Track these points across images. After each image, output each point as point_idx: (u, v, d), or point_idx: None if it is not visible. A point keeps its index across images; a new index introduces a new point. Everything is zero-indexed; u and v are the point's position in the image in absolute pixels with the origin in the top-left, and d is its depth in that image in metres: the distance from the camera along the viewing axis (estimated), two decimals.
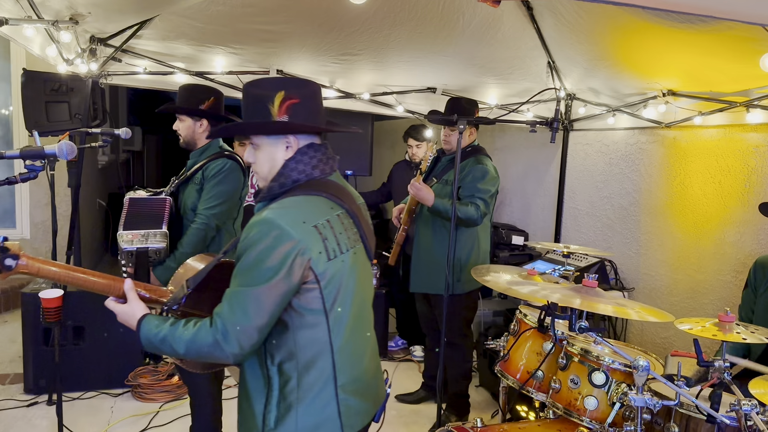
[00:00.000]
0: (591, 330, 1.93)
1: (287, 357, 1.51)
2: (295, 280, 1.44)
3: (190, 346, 1.43)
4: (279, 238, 1.42)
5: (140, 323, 1.50)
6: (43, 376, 3.71)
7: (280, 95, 1.53)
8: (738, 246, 3.44)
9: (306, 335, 1.50)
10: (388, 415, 4.00)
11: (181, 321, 1.47)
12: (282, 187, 1.56)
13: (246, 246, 1.44)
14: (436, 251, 3.39)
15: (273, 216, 1.45)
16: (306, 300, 1.49)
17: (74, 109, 3.63)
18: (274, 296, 1.42)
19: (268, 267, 1.41)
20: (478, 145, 3.51)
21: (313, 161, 1.59)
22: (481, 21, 3.33)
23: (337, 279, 1.53)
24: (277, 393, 1.52)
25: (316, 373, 1.52)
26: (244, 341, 1.41)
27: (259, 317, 1.42)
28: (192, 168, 2.80)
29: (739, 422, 1.74)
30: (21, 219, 5.79)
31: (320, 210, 1.54)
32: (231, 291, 1.44)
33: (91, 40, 3.60)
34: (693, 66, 3.22)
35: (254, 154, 1.62)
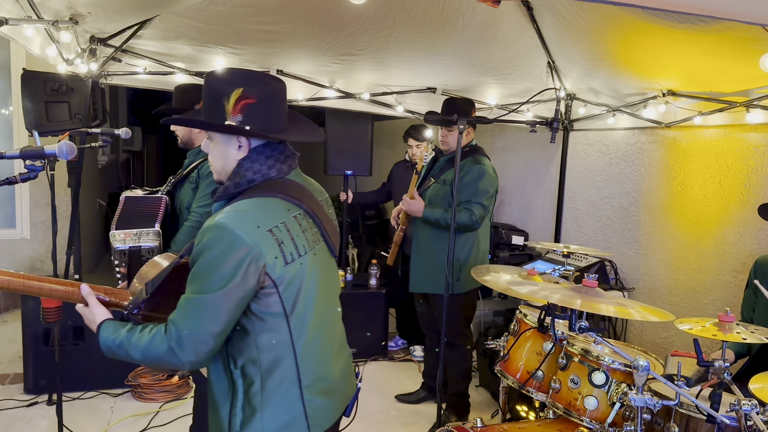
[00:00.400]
0: (591, 330, 1.93)
1: (249, 361, 1.50)
2: (249, 286, 1.41)
3: (146, 353, 1.42)
4: (232, 244, 1.39)
5: (99, 328, 1.48)
6: (43, 376, 3.71)
7: (237, 92, 1.48)
8: (738, 246, 3.44)
9: (267, 339, 1.49)
10: (387, 415, 4.02)
11: (138, 327, 1.45)
12: (237, 187, 1.53)
13: (199, 252, 1.41)
14: (435, 251, 3.40)
15: (226, 221, 1.41)
16: (265, 304, 1.46)
17: (74, 109, 3.63)
18: (228, 303, 1.39)
19: (221, 274, 1.38)
20: (476, 144, 3.51)
21: (270, 161, 1.56)
22: (481, 21, 3.33)
23: (297, 282, 1.50)
24: (241, 396, 1.51)
25: (280, 375, 1.51)
26: (199, 348, 1.40)
27: (213, 324, 1.39)
28: (188, 167, 2.81)
29: (739, 422, 1.74)
30: (21, 219, 5.79)
31: (276, 213, 1.50)
32: (185, 298, 1.42)
33: (91, 40, 3.60)
34: (693, 66, 3.22)
35: (210, 147, 1.60)
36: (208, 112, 1.53)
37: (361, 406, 4.02)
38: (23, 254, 5.75)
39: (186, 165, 2.85)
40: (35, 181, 1.96)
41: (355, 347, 4.62)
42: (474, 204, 3.28)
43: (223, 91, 1.50)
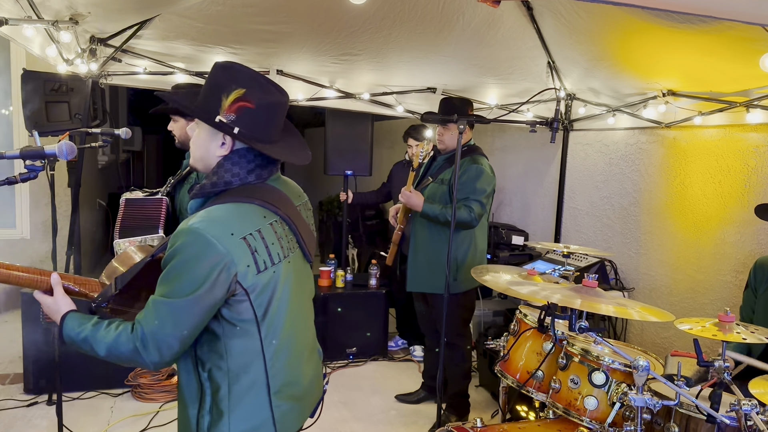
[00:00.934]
0: (591, 330, 1.93)
1: (216, 366, 1.49)
2: (219, 294, 1.40)
3: (111, 350, 1.41)
4: (204, 250, 1.37)
5: (63, 320, 1.46)
6: (43, 376, 3.71)
7: (238, 92, 1.47)
8: (738, 246, 3.44)
9: (237, 344, 1.48)
10: (387, 415, 4.02)
11: (104, 322, 1.44)
12: (214, 187, 1.52)
13: (171, 254, 1.40)
14: (433, 251, 3.40)
15: (200, 227, 1.39)
16: (237, 311, 1.45)
17: (74, 109, 3.63)
18: (196, 308, 1.39)
19: (191, 279, 1.37)
20: (474, 144, 3.51)
21: (251, 165, 1.54)
22: (481, 21, 3.33)
23: (269, 290, 1.49)
24: (209, 399, 1.50)
25: (248, 381, 1.50)
26: (164, 351, 1.39)
27: (179, 328, 1.38)
28: (187, 167, 2.80)
29: (739, 422, 1.74)
30: (21, 219, 5.79)
31: (251, 220, 1.48)
32: (153, 299, 1.41)
33: (91, 40, 3.60)
34: (693, 66, 3.22)
35: (194, 132, 1.59)
36: (204, 102, 1.52)
37: (361, 406, 4.02)
38: (23, 254, 5.75)
39: (185, 165, 2.84)
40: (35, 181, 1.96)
41: (355, 347, 4.63)
42: (472, 201, 3.28)
43: (225, 86, 1.48)
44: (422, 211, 3.34)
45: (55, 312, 1.51)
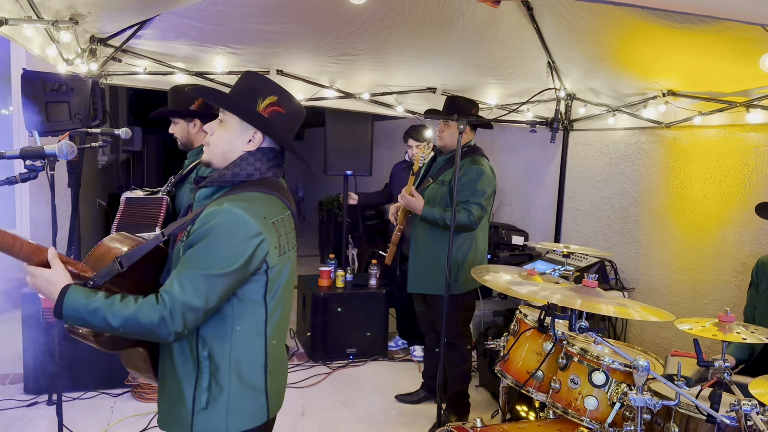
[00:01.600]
0: (591, 330, 1.93)
1: (220, 344, 1.57)
2: (250, 269, 1.52)
3: (129, 321, 1.43)
4: (243, 227, 1.49)
5: (66, 291, 1.46)
6: (43, 376, 3.71)
7: (272, 98, 1.63)
8: (738, 246, 3.44)
9: (244, 323, 1.58)
10: (387, 415, 4.02)
11: (117, 295, 1.46)
12: (234, 177, 1.63)
13: (206, 232, 1.48)
14: (434, 251, 3.40)
15: (236, 207, 1.50)
16: (250, 290, 1.56)
17: (74, 109, 3.62)
18: (227, 283, 1.49)
19: (228, 254, 1.47)
20: (474, 145, 3.51)
21: (270, 163, 1.68)
22: (481, 21, 3.33)
23: (282, 274, 1.64)
24: (208, 376, 1.57)
25: (249, 359, 1.60)
26: (190, 322, 1.46)
27: (209, 301, 1.47)
28: (188, 167, 2.80)
29: (739, 422, 1.74)
30: (21, 219, 5.79)
31: (276, 209, 1.64)
32: (184, 272, 1.47)
33: (91, 40, 3.60)
34: (693, 66, 3.22)
35: (215, 129, 1.67)
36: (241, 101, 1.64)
37: (361, 406, 4.02)
38: None
39: (186, 165, 2.85)
40: (35, 181, 1.96)
41: (355, 347, 4.63)
42: (472, 204, 3.28)
43: (261, 91, 1.63)
44: (422, 215, 3.35)
45: (53, 283, 1.48)
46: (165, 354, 1.65)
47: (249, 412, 1.61)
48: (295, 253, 1.75)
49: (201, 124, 2.84)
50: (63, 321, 1.47)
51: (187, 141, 2.87)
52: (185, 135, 2.86)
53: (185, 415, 1.58)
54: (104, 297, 1.46)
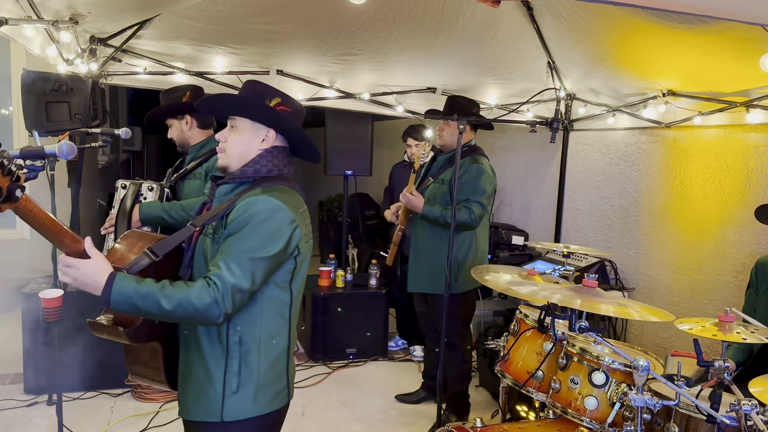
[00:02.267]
0: (591, 330, 1.93)
1: (251, 327, 1.64)
2: (288, 252, 1.64)
3: (182, 303, 1.48)
4: (282, 215, 1.61)
5: (114, 278, 1.48)
6: (43, 376, 3.71)
7: (277, 99, 1.73)
8: (738, 246, 3.44)
9: (272, 308, 1.67)
10: (387, 415, 4.02)
11: (166, 280, 1.52)
12: (256, 173, 1.73)
13: (247, 219, 1.58)
14: (434, 251, 3.40)
15: (272, 197, 1.61)
16: (279, 275, 1.66)
17: (74, 109, 3.62)
18: (269, 265, 1.59)
19: (270, 238, 1.58)
20: (475, 144, 3.51)
21: (285, 161, 1.79)
22: (481, 21, 3.33)
23: (305, 261, 1.76)
24: (237, 360, 1.64)
25: (276, 343, 1.69)
26: (237, 303, 1.54)
27: (255, 282, 1.56)
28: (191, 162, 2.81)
29: (739, 422, 1.74)
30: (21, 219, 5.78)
31: (299, 201, 1.76)
32: (230, 257, 1.55)
33: (91, 40, 3.60)
34: (693, 66, 3.22)
35: (228, 135, 1.75)
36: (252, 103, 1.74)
37: (361, 406, 4.02)
38: (23, 254, 5.74)
39: (188, 161, 2.86)
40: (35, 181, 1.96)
41: (355, 347, 4.63)
42: (473, 203, 3.28)
43: (266, 94, 1.73)
44: (422, 213, 3.35)
45: (99, 272, 1.49)
46: (191, 345, 1.70)
47: (273, 394, 1.69)
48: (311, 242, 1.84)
49: (192, 120, 2.86)
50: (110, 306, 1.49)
51: (182, 140, 2.88)
52: (180, 134, 2.87)
53: (215, 400, 1.64)
54: (154, 281, 1.51)
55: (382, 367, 4.59)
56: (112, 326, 1.62)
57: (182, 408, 1.73)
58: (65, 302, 2.68)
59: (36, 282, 3.93)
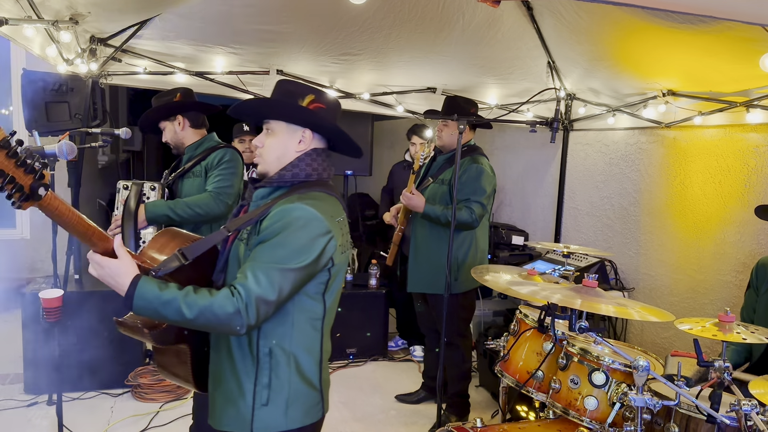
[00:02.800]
0: (591, 330, 1.93)
1: (282, 339, 1.60)
2: (321, 264, 1.57)
3: (204, 312, 1.44)
4: (317, 225, 1.55)
5: (137, 281, 1.45)
6: (43, 376, 3.71)
7: (311, 96, 1.68)
8: (738, 246, 3.43)
9: (303, 319, 1.62)
10: (387, 415, 4.02)
11: (190, 287, 1.48)
12: (294, 178, 1.67)
13: (280, 228, 1.52)
14: (433, 251, 3.40)
15: (308, 205, 1.55)
16: (312, 286, 1.61)
17: (74, 109, 3.62)
18: (299, 277, 1.53)
19: (302, 249, 1.52)
20: (474, 144, 3.51)
21: (324, 164, 1.73)
22: (481, 21, 3.33)
23: (341, 272, 1.69)
24: (268, 372, 1.59)
25: (307, 356, 1.64)
26: (262, 314, 1.48)
27: (282, 294, 1.50)
28: (189, 161, 2.81)
29: (739, 422, 1.74)
30: (21, 219, 5.79)
31: (337, 209, 1.69)
32: (258, 265, 1.50)
33: (91, 40, 3.60)
34: (693, 66, 3.22)
35: (264, 140, 1.70)
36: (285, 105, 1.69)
37: (361, 406, 4.02)
38: (23, 254, 5.74)
39: (185, 161, 2.86)
40: None
41: (355, 347, 4.62)
42: (473, 202, 3.28)
43: (298, 93, 1.68)
44: (423, 212, 3.34)
45: (123, 274, 1.46)
46: (222, 352, 1.66)
47: (306, 408, 1.64)
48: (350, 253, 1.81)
49: (185, 120, 2.85)
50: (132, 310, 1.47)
51: (177, 142, 2.88)
52: (173, 136, 2.87)
53: (245, 412, 1.60)
54: (177, 288, 1.47)
55: (382, 367, 4.58)
56: (138, 327, 1.59)
57: (212, 416, 1.69)
58: (65, 302, 2.68)
59: (36, 282, 3.93)
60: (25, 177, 1.29)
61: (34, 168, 1.30)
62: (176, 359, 1.72)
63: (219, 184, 2.73)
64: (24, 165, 1.28)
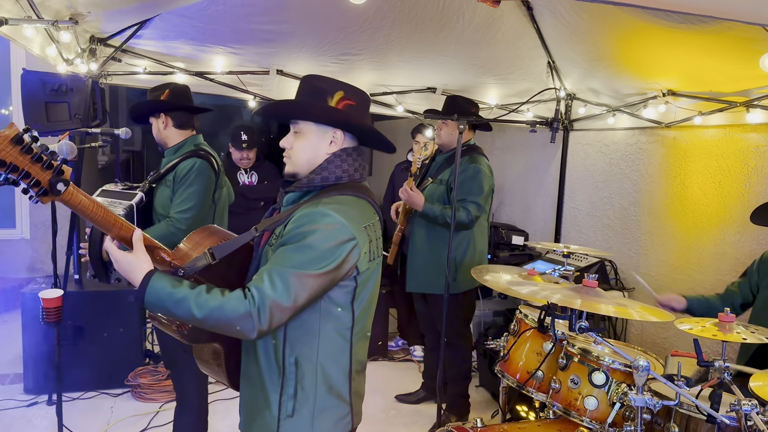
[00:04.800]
0: (591, 330, 1.93)
1: (308, 349, 1.54)
2: (342, 272, 1.49)
3: (214, 313, 1.40)
4: (339, 231, 1.48)
5: (150, 277, 1.43)
6: (43, 376, 3.71)
7: (339, 93, 1.60)
8: (738, 246, 3.43)
9: (330, 329, 1.55)
10: (387, 415, 4.01)
11: (203, 286, 1.44)
12: (324, 181, 1.60)
13: (303, 233, 1.46)
14: (431, 251, 3.40)
15: (332, 210, 1.49)
16: (339, 295, 1.54)
17: (74, 109, 3.62)
18: (318, 284, 1.46)
19: (322, 255, 1.45)
20: (473, 144, 3.52)
21: (356, 164, 1.65)
22: (481, 21, 3.33)
23: (371, 280, 1.62)
24: (293, 383, 1.55)
25: (336, 366, 1.58)
26: (276, 320, 1.42)
27: (298, 301, 1.43)
28: (165, 167, 2.73)
29: (739, 422, 1.74)
30: (21, 219, 5.79)
31: (367, 213, 1.61)
32: (275, 269, 1.44)
33: (91, 40, 3.60)
34: (693, 66, 3.22)
35: (292, 141, 1.64)
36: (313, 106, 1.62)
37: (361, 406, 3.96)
38: (23, 254, 5.74)
39: (164, 164, 2.77)
40: None
41: None
42: (469, 203, 3.29)
43: (327, 90, 1.60)
44: (422, 211, 3.35)
45: (136, 269, 1.45)
46: (251, 358, 1.61)
47: (334, 420, 1.59)
48: (381, 259, 1.72)
49: (168, 119, 2.74)
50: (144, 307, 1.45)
51: (160, 140, 2.80)
52: (157, 134, 2.78)
53: (271, 422, 1.56)
54: (190, 286, 1.42)
55: (382, 367, 4.58)
56: (167, 323, 1.57)
57: (241, 419, 1.67)
58: (65, 302, 2.67)
59: (36, 282, 3.93)
60: (42, 172, 1.30)
61: (51, 164, 1.31)
62: (212, 356, 1.69)
63: (179, 207, 2.59)
64: (40, 161, 1.29)
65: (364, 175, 1.69)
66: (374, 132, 1.65)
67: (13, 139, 1.27)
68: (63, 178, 1.33)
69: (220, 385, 3.97)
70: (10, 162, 1.27)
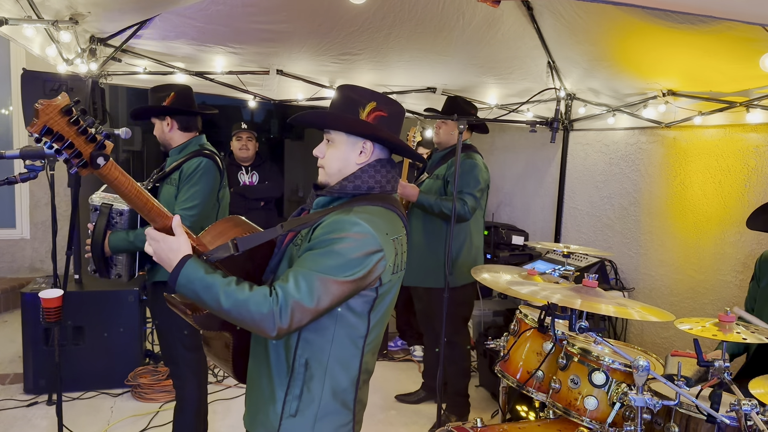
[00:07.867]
0: (591, 330, 1.93)
1: (320, 352, 1.55)
2: (366, 282, 1.51)
3: (239, 306, 1.41)
4: (368, 241, 1.49)
5: (185, 261, 1.45)
6: (43, 376, 3.71)
7: (372, 104, 1.62)
8: (738, 246, 3.43)
9: (344, 336, 1.57)
10: (387, 415, 4.01)
11: (234, 278, 1.46)
12: (356, 190, 1.62)
13: (333, 239, 1.48)
14: (427, 245, 3.42)
15: (362, 220, 1.50)
16: (358, 303, 1.55)
17: None
18: (342, 291, 1.47)
19: (349, 263, 1.46)
20: (469, 143, 3.53)
21: (388, 176, 1.66)
22: (481, 21, 3.33)
23: (391, 292, 1.62)
24: (300, 383, 1.56)
25: (344, 373, 1.59)
26: (296, 322, 1.43)
27: (320, 304, 1.45)
28: (171, 166, 2.74)
29: (739, 422, 1.74)
30: (21, 219, 5.79)
31: (395, 226, 1.62)
32: (301, 271, 1.46)
33: (91, 40, 3.60)
34: (693, 66, 3.22)
35: (324, 150, 1.66)
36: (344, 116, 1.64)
37: None
38: (23, 254, 5.75)
39: (168, 164, 2.78)
40: (35, 181, 1.96)
41: None
42: (465, 194, 3.30)
43: (359, 101, 1.62)
44: (417, 201, 3.37)
45: (175, 251, 1.47)
46: (260, 354, 1.63)
47: (335, 426, 1.60)
48: (403, 273, 1.72)
49: (173, 122, 2.75)
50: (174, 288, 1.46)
51: (164, 141, 2.81)
52: (160, 134, 2.79)
53: (274, 419, 1.58)
54: (222, 275, 1.45)
55: (382, 367, 4.58)
56: (182, 306, 1.59)
57: (245, 413, 1.69)
58: (65, 302, 2.68)
59: (36, 282, 3.93)
60: (86, 145, 1.32)
61: (95, 137, 1.33)
62: (220, 346, 1.71)
63: (184, 205, 2.61)
64: (85, 133, 1.31)
65: (395, 187, 1.71)
66: (402, 144, 1.66)
67: (63, 109, 1.28)
68: (104, 153, 1.36)
69: (220, 385, 3.98)
70: (57, 131, 1.28)
